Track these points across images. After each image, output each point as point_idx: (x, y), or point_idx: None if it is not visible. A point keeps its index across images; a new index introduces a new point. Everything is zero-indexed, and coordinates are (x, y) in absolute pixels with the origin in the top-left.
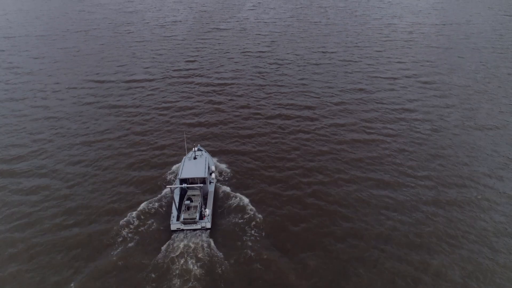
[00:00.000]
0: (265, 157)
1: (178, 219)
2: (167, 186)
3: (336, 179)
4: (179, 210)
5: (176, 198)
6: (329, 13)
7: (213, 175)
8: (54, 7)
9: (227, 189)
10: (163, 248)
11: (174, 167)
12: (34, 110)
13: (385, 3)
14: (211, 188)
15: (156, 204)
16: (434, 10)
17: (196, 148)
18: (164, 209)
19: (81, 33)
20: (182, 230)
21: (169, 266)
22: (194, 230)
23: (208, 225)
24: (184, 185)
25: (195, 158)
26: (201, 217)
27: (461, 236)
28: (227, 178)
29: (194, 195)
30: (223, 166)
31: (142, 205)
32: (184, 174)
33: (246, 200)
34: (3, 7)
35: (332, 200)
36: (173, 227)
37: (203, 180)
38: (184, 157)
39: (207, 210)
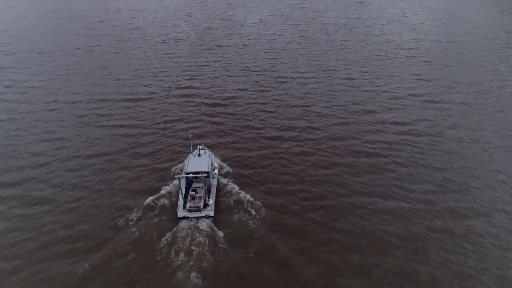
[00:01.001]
0: (265, 173)
1: (184, 207)
2: (175, 176)
3: (336, 196)
4: (185, 200)
5: (183, 189)
6: (330, 30)
7: (216, 171)
8: (58, 24)
9: (229, 184)
10: (171, 232)
11: (180, 165)
12: (34, 127)
13: (385, 19)
14: (214, 182)
15: (164, 197)
16: (433, 26)
17: (200, 147)
18: (172, 200)
19: (83, 50)
20: (188, 217)
21: (176, 246)
22: (199, 217)
23: (211, 213)
24: (190, 175)
25: (199, 155)
26: (205, 206)
27: (461, 254)
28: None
29: (198, 187)
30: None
31: (151, 198)
32: (190, 169)
33: (245, 194)
34: (7, 23)
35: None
36: (180, 214)
37: (206, 174)
38: (189, 154)
39: (210, 200)
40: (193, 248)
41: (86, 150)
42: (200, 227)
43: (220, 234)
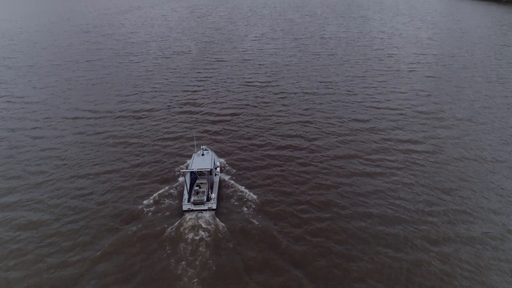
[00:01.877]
0: (263, 186)
1: (189, 201)
2: (181, 170)
3: (336, 213)
4: (189, 194)
5: (188, 184)
6: (331, 44)
7: (218, 169)
8: (60, 38)
9: (230, 181)
10: (176, 223)
11: (185, 164)
12: (33, 141)
13: (386, 33)
14: (216, 179)
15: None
16: (434, 41)
17: (203, 147)
18: (177, 194)
19: (84, 64)
20: (192, 210)
21: (182, 235)
22: (202, 210)
23: (214, 206)
24: (195, 169)
25: (203, 154)
26: (208, 199)
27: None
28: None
29: (202, 183)
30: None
31: (159, 192)
32: (194, 166)
33: (245, 189)
34: (10, 37)
35: (337, 239)
36: (185, 207)
37: (209, 172)
38: (193, 154)
39: (213, 194)
40: (197, 236)
41: (87, 166)
42: (204, 219)
43: (222, 224)
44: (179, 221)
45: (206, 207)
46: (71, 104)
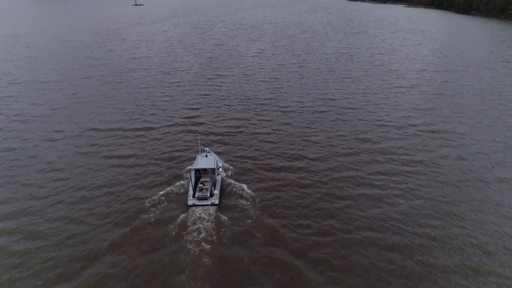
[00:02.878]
0: (267, 204)
1: (193, 196)
2: (186, 168)
3: (338, 237)
4: (194, 190)
5: (192, 182)
6: (331, 60)
7: (220, 169)
8: (63, 53)
9: (231, 180)
10: (182, 216)
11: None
12: (31, 160)
13: (386, 49)
14: (218, 178)
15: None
16: (433, 57)
17: (207, 149)
18: (182, 194)
19: (86, 80)
20: (196, 205)
21: (187, 227)
22: (206, 205)
23: (216, 202)
24: (200, 167)
25: (206, 156)
26: (211, 195)
27: None
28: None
29: (206, 181)
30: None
31: (166, 189)
32: (198, 165)
33: (245, 187)
34: (14, 53)
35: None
36: (190, 202)
37: (212, 171)
38: (198, 155)
39: (215, 191)
40: (201, 228)
41: (87, 182)
42: (207, 213)
43: (224, 217)
44: (184, 214)
45: (209, 202)
46: (72, 120)
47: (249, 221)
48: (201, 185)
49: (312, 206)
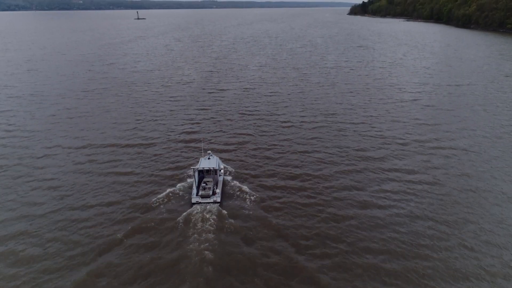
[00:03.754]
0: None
1: (197, 194)
2: (191, 167)
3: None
4: (197, 189)
5: (196, 181)
6: (332, 74)
7: (222, 171)
8: (64, 67)
9: (232, 181)
10: (186, 212)
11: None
12: (30, 174)
13: (386, 63)
14: (220, 178)
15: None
16: (433, 70)
17: (209, 152)
18: (186, 191)
19: (87, 93)
20: (200, 203)
21: (191, 221)
22: (208, 203)
23: (218, 199)
24: (203, 167)
25: (209, 158)
26: (213, 193)
27: None
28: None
29: (208, 181)
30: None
31: (169, 190)
32: (202, 166)
33: (245, 188)
34: (15, 66)
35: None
36: (193, 200)
37: (214, 172)
38: (201, 158)
39: (217, 190)
40: (204, 222)
41: (86, 198)
42: (209, 209)
43: (225, 213)
44: (188, 210)
45: (211, 200)
46: (71, 134)
47: (248, 215)
48: (204, 184)
49: (312, 222)
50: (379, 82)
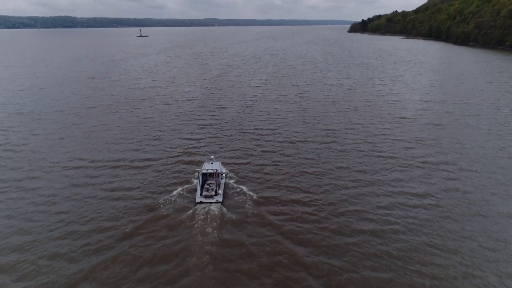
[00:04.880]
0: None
1: (201, 195)
2: (196, 169)
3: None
4: (201, 190)
5: (200, 183)
6: (333, 91)
7: (224, 175)
8: (66, 84)
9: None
10: (191, 210)
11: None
12: (25, 197)
13: (387, 80)
14: (222, 181)
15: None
16: (434, 87)
17: (212, 157)
18: (191, 189)
19: (88, 110)
20: (203, 202)
21: (195, 219)
22: (211, 202)
23: (220, 199)
24: (207, 170)
25: (212, 163)
26: (216, 194)
27: None
28: None
29: (211, 183)
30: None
31: (178, 190)
32: (205, 169)
33: (245, 189)
34: (18, 84)
35: None
36: (198, 200)
37: (217, 175)
38: (204, 162)
39: (219, 191)
40: (207, 219)
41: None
42: (212, 208)
43: (226, 211)
44: (193, 209)
45: (214, 200)
46: (71, 152)
47: (248, 213)
48: (207, 186)
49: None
50: (380, 100)
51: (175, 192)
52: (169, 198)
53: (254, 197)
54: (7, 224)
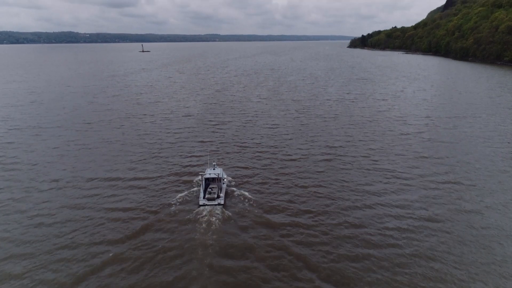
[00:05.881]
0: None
1: (203, 198)
2: (199, 173)
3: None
4: (204, 194)
5: (203, 187)
6: (334, 106)
7: (225, 180)
8: (68, 99)
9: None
10: (194, 212)
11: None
12: (22, 212)
13: (388, 95)
14: (224, 185)
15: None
16: (436, 102)
17: (214, 163)
18: (195, 193)
19: (88, 125)
20: (206, 205)
21: (199, 221)
22: (213, 205)
23: (222, 202)
24: (209, 175)
25: (214, 168)
26: (218, 197)
27: None
28: None
29: (213, 187)
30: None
31: (182, 194)
32: (208, 174)
33: (247, 194)
34: (18, 97)
35: None
36: (201, 202)
37: (219, 179)
38: (207, 168)
39: (221, 194)
40: (209, 220)
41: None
42: (214, 210)
43: (228, 213)
44: (196, 211)
45: (216, 202)
46: (70, 170)
47: (248, 214)
48: (210, 189)
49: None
50: (381, 115)
51: (178, 196)
52: (172, 202)
53: (254, 200)
54: (4, 242)
